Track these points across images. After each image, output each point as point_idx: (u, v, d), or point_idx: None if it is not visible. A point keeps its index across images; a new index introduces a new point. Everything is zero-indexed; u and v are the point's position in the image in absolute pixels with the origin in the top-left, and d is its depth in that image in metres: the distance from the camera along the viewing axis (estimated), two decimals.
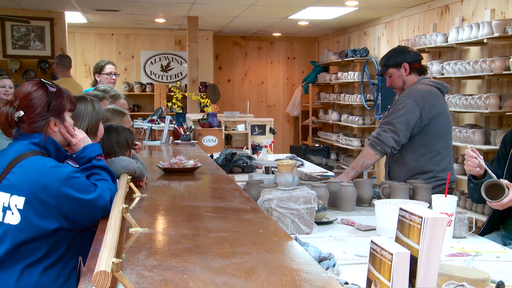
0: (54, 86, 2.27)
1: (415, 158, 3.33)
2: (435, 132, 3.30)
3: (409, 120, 3.24)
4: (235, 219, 2.11)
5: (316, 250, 1.91)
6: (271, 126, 6.05)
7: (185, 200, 2.65)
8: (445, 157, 3.36)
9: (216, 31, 10.51)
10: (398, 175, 3.39)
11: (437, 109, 3.28)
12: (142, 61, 10.32)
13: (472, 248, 2.21)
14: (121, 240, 1.74)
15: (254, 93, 11.41)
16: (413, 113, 3.24)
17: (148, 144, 5.32)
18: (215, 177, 3.38)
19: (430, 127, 3.28)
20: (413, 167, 3.34)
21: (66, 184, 2.06)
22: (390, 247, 1.24)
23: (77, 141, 2.33)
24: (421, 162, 3.32)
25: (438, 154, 3.33)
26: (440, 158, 3.34)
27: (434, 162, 3.32)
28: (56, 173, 2.08)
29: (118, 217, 1.80)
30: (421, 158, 3.32)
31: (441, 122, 3.31)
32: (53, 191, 2.05)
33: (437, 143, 3.32)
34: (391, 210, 2.34)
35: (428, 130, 3.29)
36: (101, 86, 4.38)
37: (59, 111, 2.27)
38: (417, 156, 3.33)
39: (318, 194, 2.57)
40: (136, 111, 9.94)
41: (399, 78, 3.43)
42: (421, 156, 3.32)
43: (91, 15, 8.67)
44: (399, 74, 3.42)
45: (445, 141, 3.35)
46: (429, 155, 3.32)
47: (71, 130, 2.32)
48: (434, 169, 3.32)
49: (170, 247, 1.73)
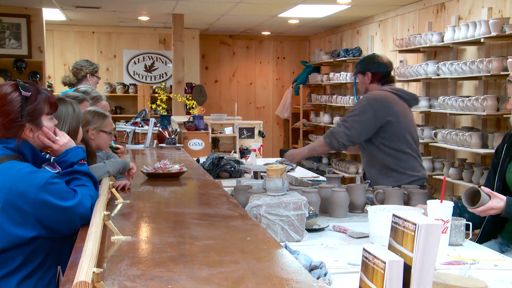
0: (30, 89, 2.23)
1: (383, 156, 3.69)
2: (395, 133, 3.66)
3: (363, 119, 3.62)
4: (222, 226, 2.12)
5: (307, 258, 1.91)
6: (260, 129, 6.05)
7: (170, 206, 2.65)
8: (410, 157, 3.70)
9: (202, 30, 10.51)
10: (372, 174, 3.75)
11: (392, 112, 3.65)
12: (124, 60, 10.29)
13: (469, 256, 2.23)
14: (102, 249, 1.73)
15: (242, 95, 11.41)
16: (367, 114, 3.62)
17: (131, 148, 5.31)
18: (201, 183, 3.38)
19: (389, 128, 3.65)
20: (384, 165, 3.69)
21: (44, 190, 2.05)
22: (382, 255, 1.25)
23: (59, 147, 2.31)
24: (389, 159, 3.68)
25: (403, 153, 3.68)
26: (406, 157, 3.69)
27: (401, 160, 3.68)
28: (34, 178, 2.07)
29: (99, 225, 1.79)
30: (388, 157, 3.68)
31: (399, 125, 3.66)
32: (30, 197, 2.04)
33: (400, 143, 3.68)
34: (385, 216, 2.35)
35: (388, 130, 3.65)
36: (81, 87, 4.36)
37: (35, 116, 2.23)
38: (384, 154, 3.69)
39: (309, 200, 2.57)
40: (118, 113, 9.89)
41: (363, 84, 3.90)
42: (387, 155, 3.68)
43: (71, 12, 8.64)
44: (363, 81, 3.89)
45: (407, 142, 3.70)
46: (395, 153, 3.68)
47: (51, 135, 2.29)
48: (403, 167, 3.66)
49: (154, 256, 1.73)
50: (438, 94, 6.51)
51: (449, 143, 5.79)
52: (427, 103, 6.41)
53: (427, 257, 1.25)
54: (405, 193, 2.93)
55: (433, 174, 6.24)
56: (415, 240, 1.25)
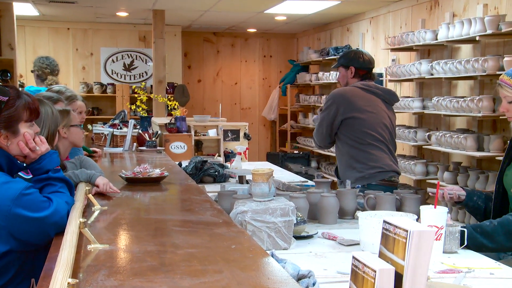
0: (8, 93, 2.18)
1: (348, 148, 4.00)
2: (358, 127, 3.96)
3: (328, 116, 4.00)
4: (205, 234, 2.12)
5: (295, 267, 1.92)
6: (245, 131, 6.06)
7: (150, 213, 2.64)
8: (377, 149, 3.97)
9: (184, 27, 10.50)
10: (341, 168, 4.10)
11: (356, 106, 3.96)
12: (102, 59, 10.25)
13: (464, 264, 2.24)
14: (78, 259, 1.73)
15: (227, 95, 11.42)
16: (331, 109, 3.98)
17: (109, 151, 5.29)
18: (183, 188, 3.37)
19: (353, 121, 3.96)
20: (349, 157, 3.99)
21: (17, 203, 2.03)
22: (373, 263, 1.26)
23: (36, 156, 2.28)
24: (353, 151, 3.98)
25: (368, 145, 3.96)
26: (371, 148, 3.96)
27: (365, 151, 3.96)
28: (7, 190, 2.04)
29: (75, 233, 1.79)
30: (352, 149, 3.98)
31: (362, 120, 3.96)
32: (3, 211, 2.02)
33: (364, 135, 3.96)
34: (377, 223, 2.36)
35: (351, 123, 3.97)
36: (55, 87, 4.35)
37: (11, 123, 2.19)
38: (349, 146, 3.99)
39: (296, 206, 2.58)
40: (95, 115, 9.85)
41: (344, 78, 4.18)
42: (351, 147, 3.98)
43: (44, 7, 8.59)
44: (345, 74, 4.17)
45: (372, 136, 3.97)
46: (358, 145, 3.96)
47: (31, 144, 2.25)
48: (368, 158, 3.95)
49: (133, 266, 1.72)
50: (432, 94, 6.56)
51: (443, 145, 5.83)
52: (420, 104, 6.45)
53: (419, 265, 1.26)
54: (398, 199, 2.95)
55: (426, 179, 6.28)
56: (407, 247, 1.26)
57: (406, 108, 6.57)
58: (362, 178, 3.91)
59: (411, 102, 6.48)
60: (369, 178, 3.93)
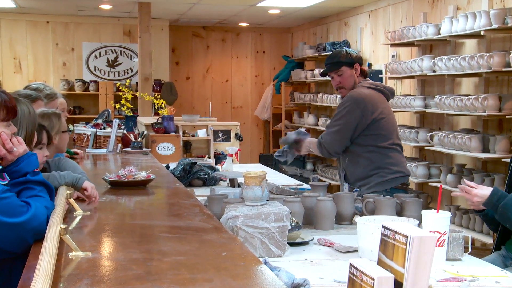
0: None
1: (369, 154, 3.91)
2: (381, 130, 3.90)
3: (350, 122, 3.86)
4: (194, 240, 2.12)
5: (289, 275, 1.92)
6: (237, 132, 6.06)
7: (135, 218, 2.64)
8: (397, 152, 3.96)
9: (172, 20, 10.49)
10: (355, 175, 3.99)
11: (377, 110, 3.88)
12: (84, 54, 10.22)
13: (468, 272, 2.25)
14: (59, 267, 1.72)
15: (217, 93, 11.41)
16: (354, 114, 3.84)
17: (92, 153, 5.28)
18: (171, 191, 3.37)
19: (377, 125, 3.88)
20: (367, 164, 3.91)
21: None
22: (371, 271, 1.27)
23: (13, 158, 2.27)
24: (375, 156, 3.90)
25: (390, 149, 3.93)
26: (392, 152, 3.93)
27: (387, 155, 3.91)
28: None
29: (55, 240, 1.78)
30: (373, 154, 3.90)
31: (384, 123, 3.90)
32: None
33: (386, 139, 3.92)
34: (375, 228, 2.37)
35: (375, 128, 3.88)
36: (33, 84, 4.33)
37: None
38: (369, 151, 3.91)
39: (291, 211, 2.58)
40: (77, 114, 9.83)
41: (351, 78, 3.99)
42: (372, 152, 3.90)
43: None
44: (351, 74, 3.98)
45: (393, 138, 3.95)
46: (382, 150, 3.91)
47: (8, 144, 2.24)
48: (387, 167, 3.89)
49: (118, 274, 1.72)
50: (434, 92, 6.58)
51: (446, 146, 5.85)
52: (422, 103, 6.47)
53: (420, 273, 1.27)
54: (398, 203, 2.96)
55: (429, 181, 6.29)
56: (407, 254, 1.26)
57: (407, 107, 6.58)
58: (384, 182, 3.90)
59: (412, 100, 6.50)
60: (390, 182, 3.91)
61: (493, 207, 2.68)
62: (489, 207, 2.71)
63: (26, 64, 9.95)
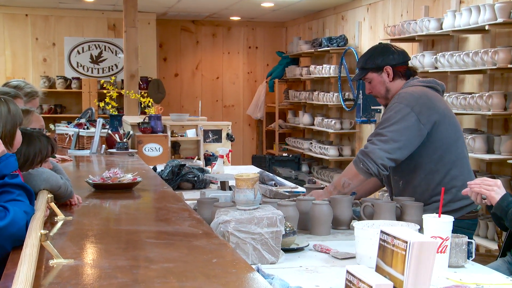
0: None
1: (427, 178, 3.23)
2: (443, 140, 3.21)
3: (404, 130, 3.14)
4: (183, 247, 2.12)
5: (283, 283, 1.93)
6: (228, 132, 6.06)
7: (121, 223, 2.64)
8: (463, 168, 3.27)
9: (160, 14, 10.48)
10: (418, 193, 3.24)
11: (438, 112, 3.20)
12: (66, 50, 10.20)
13: (472, 280, 2.26)
14: (39, 275, 1.72)
15: (207, 91, 11.41)
16: (409, 121, 3.14)
17: (74, 154, 5.26)
18: (158, 195, 3.37)
19: (435, 135, 3.19)
20: (425, 189, 3.23)
21: None
22: (369, 278, 1.27)
23: None
24: (436, 180, 3.21)
25: (454, 166, 3.23)
26: (458, 170, 3.24)
27: (451, 177, 3.21)
28: None
29: (35, 246, 1.78)
30: (434, 176, 3.22)
31: (447, 128, 3.22)
32: None
33: (449, 153, 3.23)
34: (374, 233, 2.37)
35: (433, 139, 3.20)
36: (13, 81, 4.33)
37: None
38: (427, 173, 3.23)
39: (285, 215, 2.59)
40: (58, 113, 9.82)
41: (381, 85, 3.36)
42: (434, 173, 3.22)
43: None
44: (381, 80, 3.35)
45: (457, 149, 3.26)
46: (444, 169, 3.21)
47: None
48: (455, 185, 3.19)
49: (102, 283, 1.72)
50: None
51: None
52: None
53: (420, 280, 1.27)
54: (398, 206, 2.96)
55: None
56: (406, 260, 1.27)
57: None
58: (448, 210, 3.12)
59: None
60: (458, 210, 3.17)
61: (502, 211, 2.70)
62: (499, 212, 2.72)
63: (3, 60, 9.92)
